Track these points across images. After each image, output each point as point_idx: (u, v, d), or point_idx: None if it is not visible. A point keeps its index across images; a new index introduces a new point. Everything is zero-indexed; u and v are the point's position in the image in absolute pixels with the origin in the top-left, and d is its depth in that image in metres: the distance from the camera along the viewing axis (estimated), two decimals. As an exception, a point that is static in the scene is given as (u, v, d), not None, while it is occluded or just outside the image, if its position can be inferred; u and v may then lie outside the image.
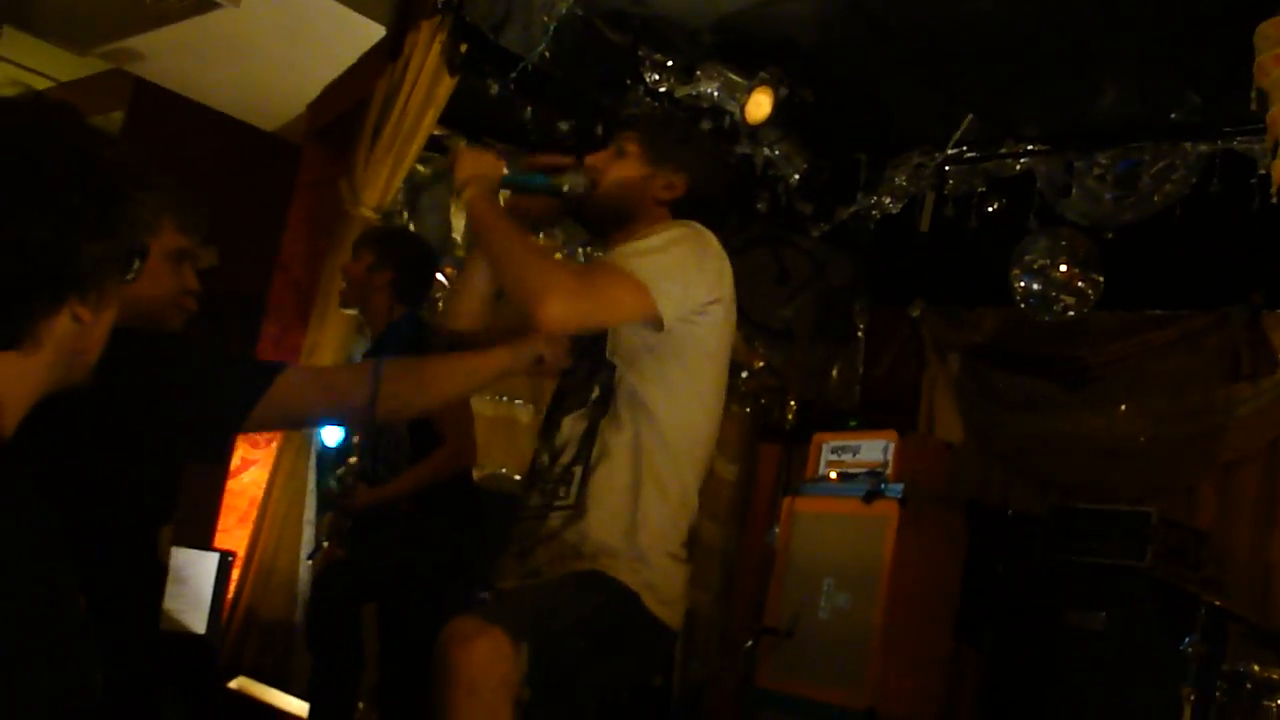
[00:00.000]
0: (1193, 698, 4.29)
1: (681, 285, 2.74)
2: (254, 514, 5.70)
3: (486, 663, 2.43)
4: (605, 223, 3.07)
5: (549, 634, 2.56)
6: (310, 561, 5.60)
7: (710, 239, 2.87)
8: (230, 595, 5.40)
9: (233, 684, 5.02)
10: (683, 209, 3.00)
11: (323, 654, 4.45)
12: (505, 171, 2.99)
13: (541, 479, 2.87)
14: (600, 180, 3.05)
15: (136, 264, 1.63)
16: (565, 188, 3.07)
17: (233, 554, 5.42)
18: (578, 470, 2.79)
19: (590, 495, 2.76)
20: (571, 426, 2.86)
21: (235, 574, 5.45)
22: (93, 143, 1.59)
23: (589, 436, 2.81)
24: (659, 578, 2.75)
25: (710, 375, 2.90)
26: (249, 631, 5.46)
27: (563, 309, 2.63)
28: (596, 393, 2.83)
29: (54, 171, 1.53)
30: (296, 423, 4.54)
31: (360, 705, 4.83)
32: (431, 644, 2.48)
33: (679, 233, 2.84)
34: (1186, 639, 4.37)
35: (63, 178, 1.53)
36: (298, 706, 4.82)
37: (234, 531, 5.78)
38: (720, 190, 3.16)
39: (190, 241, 2.76)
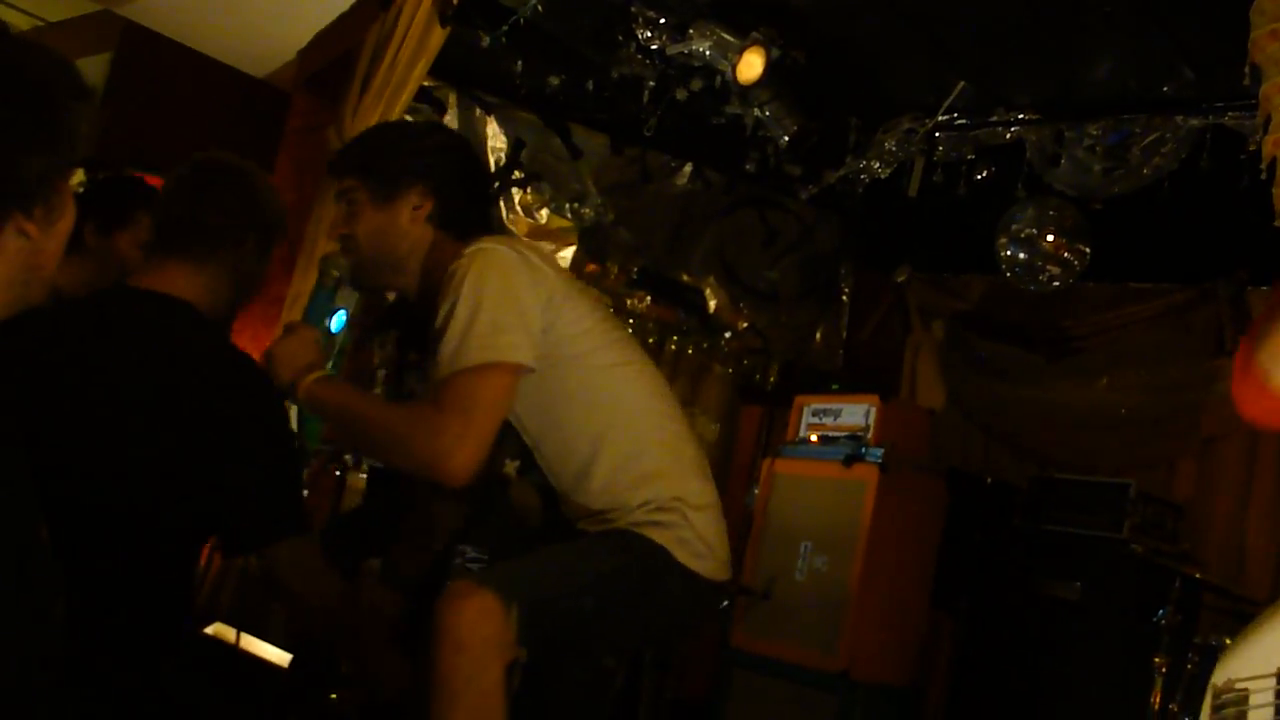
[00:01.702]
0: (1164, 668, 4.33)
1: (520, 327, 2.64)
2: (234, 461, 5.69)
3: (474, 622, 2.47)
4: (392, 277, 2.89)
5: (545, 598, 2.60)
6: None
7: (500, 252, 2.69)
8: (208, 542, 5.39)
9: (209, 630, 5.02)
10: (449, 213, 2.84)
11: None
12: (319, 339, 2.79)
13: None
14: (355, 244, 2.83)
15: (83, 178, 1.62)
16: (336, 274, 3.00)
17: (212, 501, 5.41)
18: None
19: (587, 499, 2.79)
20: (523, 494, 2.87)
21: (214, 521, 5.44)
22: (23, 55, 1.56)
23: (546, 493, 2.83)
24: (688, 533, 2.75)
25: (594, 346, 2.82)
26: (226, 577, 5.46)
27: (464, 454, 2.54)
28: (518, 464, 2.84)
29: None
30: None
31: None
32: None
33: (473, 278, 2.63)
34: (1160, 611, 4.40)
35: (4, 90, 1.51)
36: (275, 654, 4.82)
37: (214, 478, 5.77)
38: (476, 174, 3.02)
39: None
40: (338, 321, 6.09)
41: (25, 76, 1.55)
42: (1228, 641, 4.17)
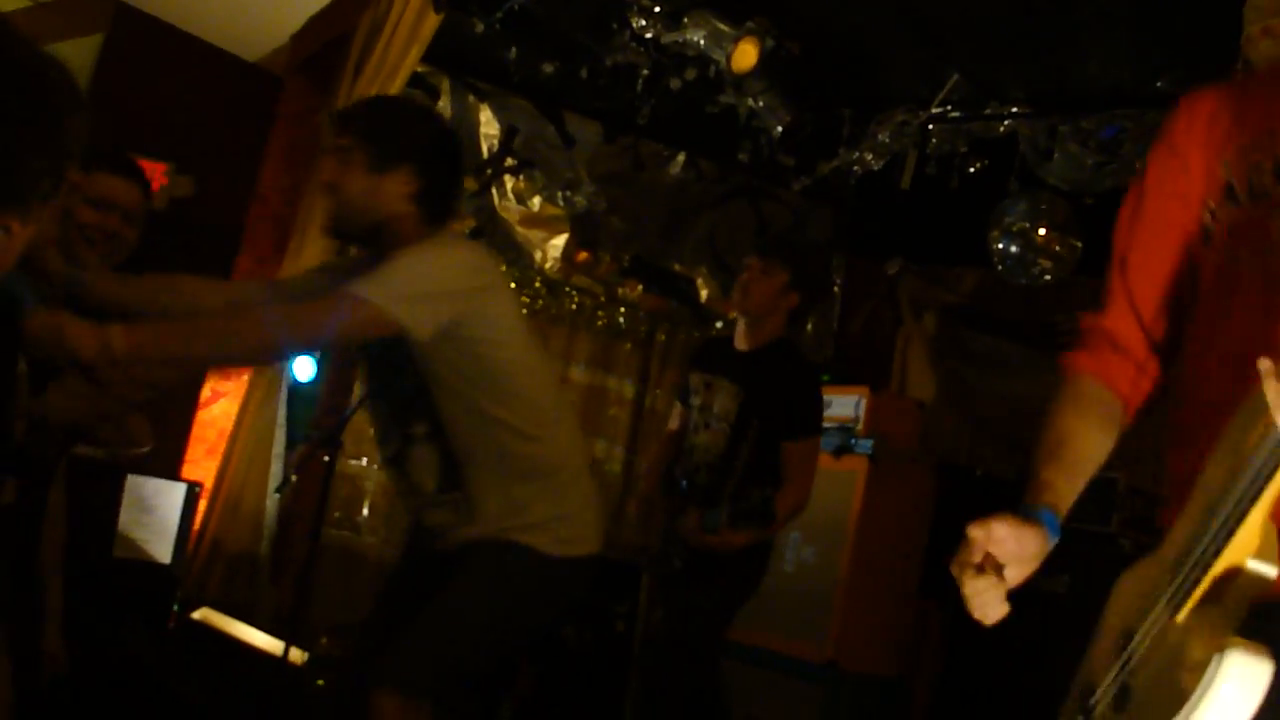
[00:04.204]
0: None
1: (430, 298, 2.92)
2: (223, 446, 5.68)
3: None
4: (363, 235, 3.10)
5: (449, 670, 3.01)
6: (278, 495, 5.59)
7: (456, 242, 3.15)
8: (196, 526, 5.39)
9: (196, 615, 5.02)
10: (429, 197, 3.03)
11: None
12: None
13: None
14: (342, 195, 3.02)
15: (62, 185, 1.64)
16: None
17: (200, 485, 5.41)
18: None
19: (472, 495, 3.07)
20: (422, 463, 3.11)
21: (202, 505, 5.44)
22: (39, 61, 1.59)
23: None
24: (550, 519, 3.07)
25: (509, 339, 3.10)
26: (214, 563, 5.45)
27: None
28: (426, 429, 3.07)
29: (2, 85, 1.53)
30: None
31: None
32: None
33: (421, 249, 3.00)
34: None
35: (11, 92, 1.53)
36: (261, 639, 4.82)
37: (202, 463, 5.76)
38: (459, 167, 3.20)
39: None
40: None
41: (42, 82, 1.57)
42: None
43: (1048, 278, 6.16)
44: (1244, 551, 1.41)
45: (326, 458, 4.58)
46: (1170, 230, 1.86)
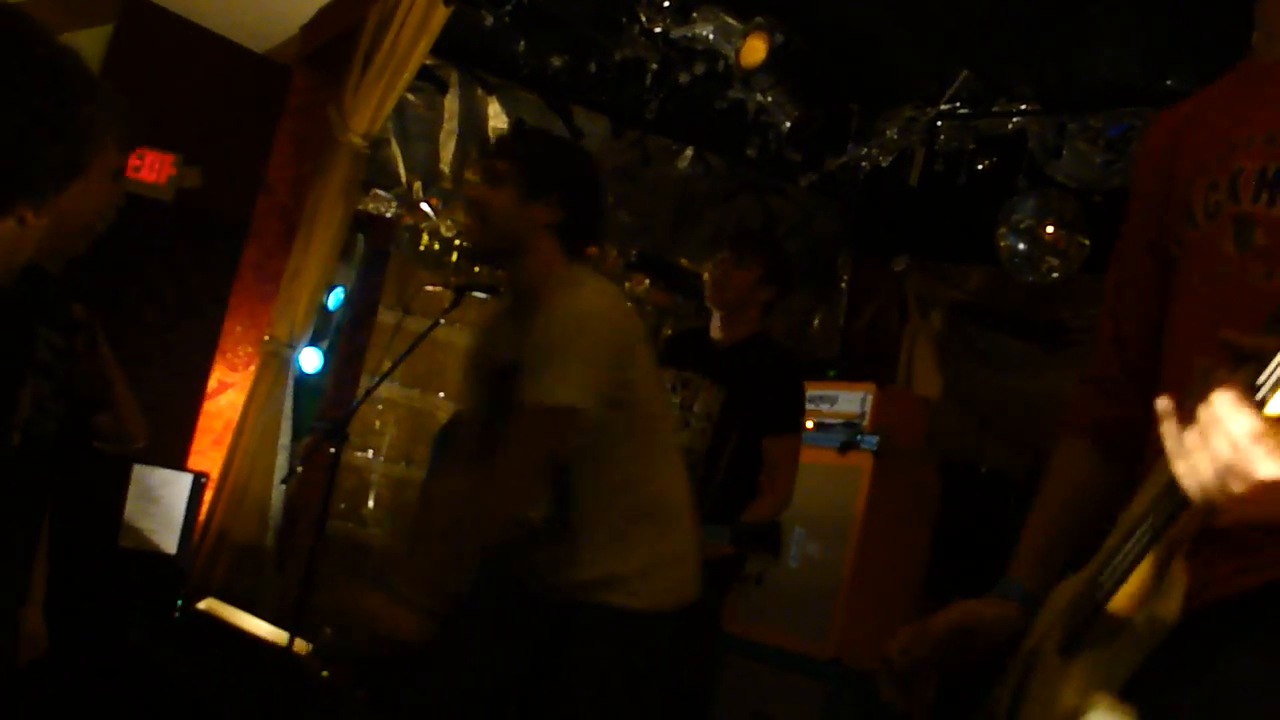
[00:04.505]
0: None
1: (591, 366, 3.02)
2: (229, 436, 5.69)
3: None
4: (501, 257, 3.23)
5: None
6: (283, 486, 5.60)
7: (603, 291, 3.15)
8: (202, 517, 5.40)
9: (202, 605, 5.03)
10: (569, 230, 3.14)
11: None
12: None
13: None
14: (488, 211, 3.14)
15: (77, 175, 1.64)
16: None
17: (206, 476, 5.42)
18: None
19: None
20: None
21: (208, 496, 5.45)
22: (55, 52, 1.59)
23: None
24: (650, 565, 3.10)
25: (648, 398, 3.21)
26: (219, 553, 5.46)
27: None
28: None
29: (20, 77, 1.53)
30: None
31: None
32: None
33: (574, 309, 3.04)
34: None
35: (28, 83, 1.53)
36: (266, 629, 4.83)
37: (208, 453, 5.77)
38: (601, 207, 3.38)
39: (124, 158, 2.75)
40: (335, 299, 6.08)
41: (58, 73, 1.57)
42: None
43: (1055, 275, 6.15)
44: (1136, 599, 1.41)
45: (333, 449, 4.58)
46: (1142, 259, 1.84)
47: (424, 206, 6.44)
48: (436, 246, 6.53)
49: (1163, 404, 1.32)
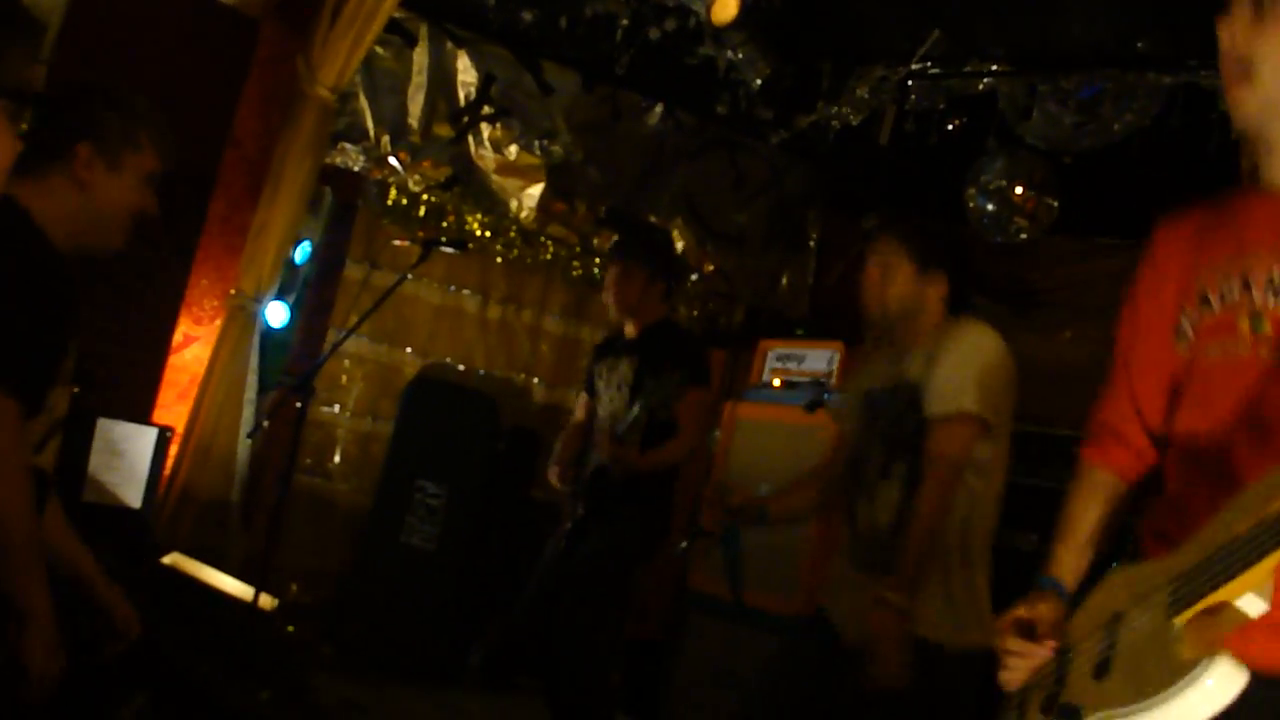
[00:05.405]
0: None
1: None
2: (194, 390, 5.66)
3: None
4: (892, 331, 3.57)
5: None
6: (249, 440, 5.58)
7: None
8: (167, 472, 5.38)
9: (166, 560, 5.01)
10: (954, 297, 3.54)
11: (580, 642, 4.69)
12: None
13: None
14: (884, 304, 3.54)
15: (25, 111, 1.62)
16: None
17: (171, 430, 5.39)
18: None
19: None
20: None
21: (173, 450, 5.43)
22: None
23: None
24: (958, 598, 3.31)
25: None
26: (185, 508, 5.45)
27: None
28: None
29: None
30: None
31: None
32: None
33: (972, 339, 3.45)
34: (1114, 563, 4.44)
35: None
36: (231, 584, 4.82)
37: (173, 407, 5.74)
38: (971, 272, 3.68)
39: (163, 167, 2.83)
40: (302, 253, 6.04)
41: None
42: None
43: (1024, 236, 6.17)
44: (1240, 591, 1.71)
45: (299, 404, 4.57)
46: (1155, 334, 2.21)
47: (392, 160, 6.40)
48: (404, 201, 6.49)
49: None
